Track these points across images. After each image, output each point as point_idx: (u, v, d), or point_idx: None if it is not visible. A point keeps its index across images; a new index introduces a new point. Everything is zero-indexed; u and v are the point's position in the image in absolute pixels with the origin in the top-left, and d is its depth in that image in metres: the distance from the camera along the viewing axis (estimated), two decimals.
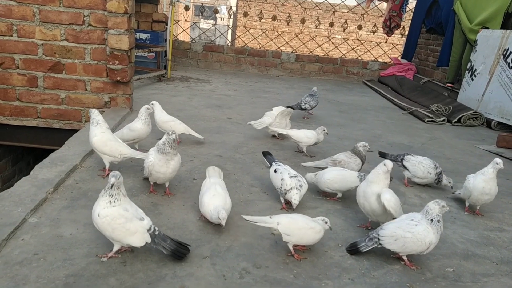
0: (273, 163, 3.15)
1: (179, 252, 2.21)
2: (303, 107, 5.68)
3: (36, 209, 2.60)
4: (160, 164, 2.87)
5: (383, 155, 3.82)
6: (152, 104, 4.03)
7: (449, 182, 3.51)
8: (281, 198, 3.00)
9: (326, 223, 2.42)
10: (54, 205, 2.70)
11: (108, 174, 3.16)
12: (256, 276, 2.19)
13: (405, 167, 3.61)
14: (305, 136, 4.10)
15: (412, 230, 2.31)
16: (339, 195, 3.20)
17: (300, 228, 2.34)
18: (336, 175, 3.15)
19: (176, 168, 2.98)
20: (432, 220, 2.32)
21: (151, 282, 2.05)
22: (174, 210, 2.81)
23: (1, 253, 2.15)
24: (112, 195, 2.13)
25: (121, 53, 4.59)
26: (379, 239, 2.37)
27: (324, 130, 4.10)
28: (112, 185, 2.11)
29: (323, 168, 3.46)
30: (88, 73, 4.68)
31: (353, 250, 2.44)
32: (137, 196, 2.94)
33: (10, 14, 4.40)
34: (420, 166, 3.53)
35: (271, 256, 2.38)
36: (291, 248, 2.38)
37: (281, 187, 2.92)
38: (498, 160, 3.09)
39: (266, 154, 3.38)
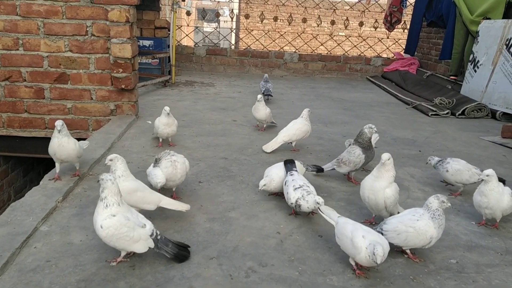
0: (288, 173, 3.02)
1: (181, 255, 2.29)
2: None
3: (47, 217, 2.67)
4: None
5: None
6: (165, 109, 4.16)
7: None
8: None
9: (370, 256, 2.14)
10: (64, 213, 2.78)
11: (57, 179, 3.17)
12: (262, 274, 2.24)
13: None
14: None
15: (414, 225, 2.34)
16: None
17: (346, 237, 2.27)
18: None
19: (184, 173, 3.05)
20: (433, 214, 2.36)
21: (159, 284, 2.11)
22: (181, 213, 2.87)
23: (15, 261, 2.22)
24: (102, 199, 2.18)
25: (124, 61, 4.68)
26: (382, 233, 2.41)
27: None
28: (98, 181, 2.23)
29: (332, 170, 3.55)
30: (93, 82, 4.77)
31: None
32: None
33: (15, 29, 4.50)
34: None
35: (276, 254, 2.43)
36: (352, 263, 2.29)
37: (287, 201, 2.85)
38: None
39: (286, 162, 3.14)
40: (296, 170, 3.06)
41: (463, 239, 2.71)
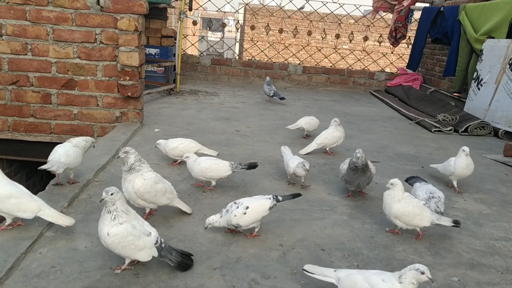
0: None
1: (185, 264, 2.30)
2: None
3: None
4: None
5: None
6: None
7: None
8: None
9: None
10: None
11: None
12: (264, 286, 2.25)
13: None
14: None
15: None
16: (213, 183, 3.44)
17: None
18: (210, 164, 3.38)
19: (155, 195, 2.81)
20: None
21: None
22: (185, 222, 2.89)
23: (20, 266, 2.24)
24: (110, 211, 2.17)
25: (131, 69, 4.72)
26: None
27: None
28: (101, 200, 2.18)
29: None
30: (100, 89, 4.82)
31: None
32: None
33: (25, 34, 4.56)
34: None
35: (279, 267, 2.45)
36: None
37: None
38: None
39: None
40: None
41: (465, 257, 2.72)
